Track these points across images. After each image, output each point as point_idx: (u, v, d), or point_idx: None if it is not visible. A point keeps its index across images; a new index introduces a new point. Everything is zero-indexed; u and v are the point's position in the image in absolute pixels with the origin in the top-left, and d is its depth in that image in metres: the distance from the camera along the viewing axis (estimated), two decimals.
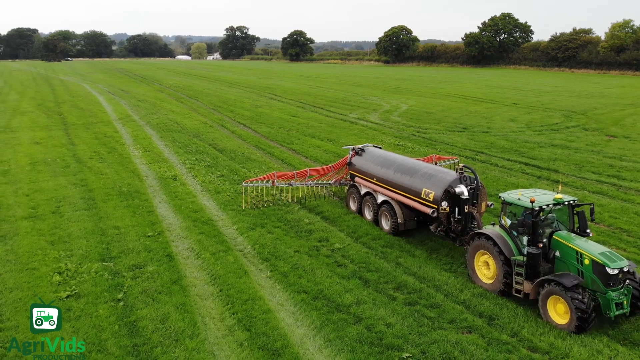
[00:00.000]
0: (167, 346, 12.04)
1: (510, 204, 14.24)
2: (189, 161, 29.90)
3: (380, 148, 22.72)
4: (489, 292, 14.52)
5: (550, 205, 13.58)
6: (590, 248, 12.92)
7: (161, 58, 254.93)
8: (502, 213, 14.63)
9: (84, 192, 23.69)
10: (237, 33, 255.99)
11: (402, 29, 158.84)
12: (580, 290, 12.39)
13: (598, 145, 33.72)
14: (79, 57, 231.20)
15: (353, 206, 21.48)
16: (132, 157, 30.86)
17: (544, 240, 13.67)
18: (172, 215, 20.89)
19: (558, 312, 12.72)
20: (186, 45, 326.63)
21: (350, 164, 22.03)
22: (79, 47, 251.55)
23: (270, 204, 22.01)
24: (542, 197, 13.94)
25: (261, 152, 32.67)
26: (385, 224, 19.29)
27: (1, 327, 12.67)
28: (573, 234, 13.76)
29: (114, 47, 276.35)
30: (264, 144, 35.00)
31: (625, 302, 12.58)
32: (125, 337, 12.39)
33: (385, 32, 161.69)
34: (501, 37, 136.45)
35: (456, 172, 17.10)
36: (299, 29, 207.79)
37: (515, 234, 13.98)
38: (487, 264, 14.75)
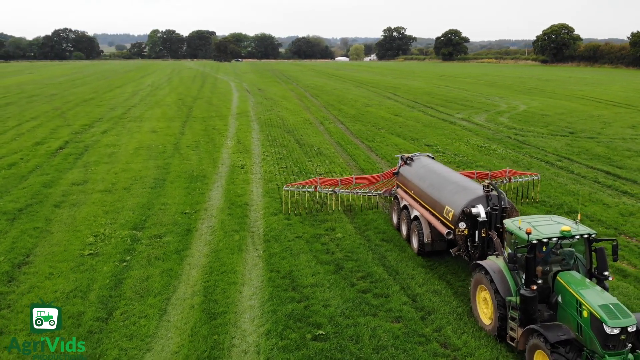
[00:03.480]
0: (131, 300, 14.24)
1: (512, 232, 11.95)
2: (266, 153, 32.39)
3: (432, 158, 21.06)
4: (446, 290, 14.51)
5: (554, 239, 11.22)
6: (593, 297, 10.33)
7: (321, 60, 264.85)
8: (505, 242, 12.57)
9: (161, 174, 27.24)
10: (394, 34, 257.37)
11: (563, 27, 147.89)
12: (568, 348, 10.04)
13: None
14: (249, 58, 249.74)
15: (395, 219, 19.85)
16: (222, 148, 34.21)
17: (540, 281, 11.15)
18: (218, 198, 23.31)
19: None
20: (348, 46, 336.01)
21: (397, 173, 20.64)
22: (249, 49, 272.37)
23: (312, 211, 21.40)
24: (546, 227, 11.55)
25: (336, 148, 34.06)
26: (415, 242, 17.34)
27: (26, 272, 15.94)
28: (586, 278, 11.31)
29: (280, 49, 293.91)
30: (345, 141, 36.31)
31: None
32: (108, 289, 14.82)
33: (543, 31, 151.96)
34: None
35: (483, 189, 15.11)
36: (454, 28, 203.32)
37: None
38: (486, 301, 12.68)
